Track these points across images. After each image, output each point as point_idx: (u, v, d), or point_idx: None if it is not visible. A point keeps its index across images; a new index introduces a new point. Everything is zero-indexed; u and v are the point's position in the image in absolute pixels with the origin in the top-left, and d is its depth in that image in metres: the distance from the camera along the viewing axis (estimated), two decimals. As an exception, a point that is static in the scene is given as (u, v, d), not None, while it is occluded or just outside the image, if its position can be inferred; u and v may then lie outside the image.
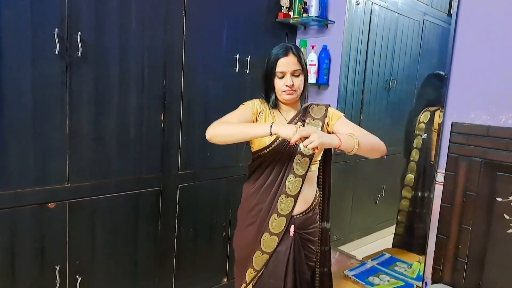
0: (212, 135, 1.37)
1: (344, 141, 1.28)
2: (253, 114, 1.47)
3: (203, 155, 2.10)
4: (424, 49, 2.19)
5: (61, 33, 1.52)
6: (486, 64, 1.63)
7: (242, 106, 1.50)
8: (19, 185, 1.51)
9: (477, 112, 1.65)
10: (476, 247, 1.63)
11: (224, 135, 1.36)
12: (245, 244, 1.53)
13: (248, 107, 1.48)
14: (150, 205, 1.92)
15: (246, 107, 1.49)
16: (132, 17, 1.72)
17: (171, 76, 1.89)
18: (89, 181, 1.69)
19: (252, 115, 1.47)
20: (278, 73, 1.42)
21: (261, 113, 1.49)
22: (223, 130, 1.36)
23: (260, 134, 1.32)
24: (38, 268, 1.59)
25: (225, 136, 1.36)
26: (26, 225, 1.54)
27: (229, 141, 1.37)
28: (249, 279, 1.52)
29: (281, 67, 1.41)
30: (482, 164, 1.60)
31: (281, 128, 1.27)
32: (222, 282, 2.31)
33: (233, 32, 2.11)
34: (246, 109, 1.48)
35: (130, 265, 1.89)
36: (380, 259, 2.11)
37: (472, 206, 1.64)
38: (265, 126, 1.29)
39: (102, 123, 1.69)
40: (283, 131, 1.26)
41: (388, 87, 2.31)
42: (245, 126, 1.36)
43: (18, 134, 1.48)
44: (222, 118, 1.43)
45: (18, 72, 1.45)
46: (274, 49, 1.45)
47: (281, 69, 1.41)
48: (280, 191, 1.46)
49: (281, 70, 1.41)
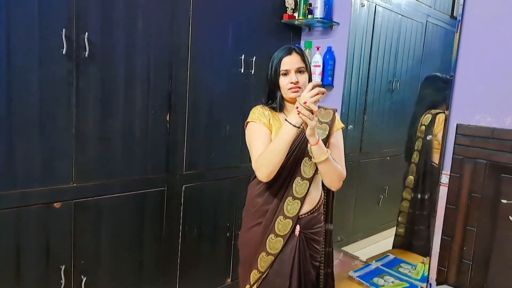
0: (263, 173, 1.36)
1: (321, 144, 1.33)
2: (266, 126, 1.45)
3: (208, 155, 2.10)
4: (427, 51, 2.20)
5: (69, 33, 1.52)
6: (491, 66, 1.63)
7: (252, 125, 1.47)
8: (26, 184, 1.51)
9: (481, 114, 1.66)
10: (481, 249, 1.64)
11: (271, 163, 1.34)
12: (250, 244, 1.53)
13: (259, 123, 1.45)
14: (155, 205, 1.92)
15: (258, 124, 1.45)
16: (138, 18, 1.73)
17: (177, 76, 1.90)
18: (95, 181, 1.69)
19: (267, 127, 1.45)
20: (283, 71, 1.43)
21: (270, 120, 1.47)
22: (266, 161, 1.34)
23: (292, 136, 1.32)
24: (44, 267, 1.59)
25: (273, 163, 1.34)
26: (32, 224, 1.54)
27: (278, 163, 1.35)
28: (253, 280, 1.52)
29: (285, 66, 1.42)
30: (487, 166, 1.61)
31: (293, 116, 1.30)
32: (226, 282, 2.31)
33: (238, 33, 2.12)
34: (259, 126, 1.45)
35: (135, 265, 1.89)
36: (385, 260, 2.11)
37: (477, 207, 1.64)
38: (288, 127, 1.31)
39: (108, 123, 1.70)
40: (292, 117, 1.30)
41: (391, 88, 2.31)
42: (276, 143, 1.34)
43: (25, 134, 1.48)
44: (255, 154, 1.40)
45: (26, 72, 1.46)
46: (277, 51, 1.46)
47: (285, 67, 1.42)
48: (287, 193, 1.46)
49: (285, 68, 1.42)
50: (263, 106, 1.51)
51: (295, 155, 1.44)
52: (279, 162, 1.34)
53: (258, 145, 1.41)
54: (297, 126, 1.30)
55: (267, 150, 1.35)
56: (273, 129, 1.46)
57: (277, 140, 1.34)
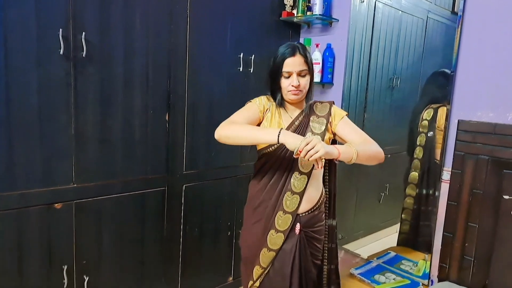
0: (221, 136, 1.37)
1: (343, 152, 1.30)
2: (260, 111, 1.48)
3: (208, 155, 2.10)
4: (428, 47, 2.19)
5: (66, 33, 1.52)
6: (493, 61, 1.62)
7: (249, 104, 1.51)
8: (26, 186, 1.51)
9: (483, 110, 1.65)
10: (483, 245, 1.63)
11: (232, 137, 1.36)
12: (252, 241, 1.54)
13: (255, 104, 1.49)
14: (156, 204, 1.92)
15: (253, 105, 1.49)
16: (136, 18, 1.72)
17: (175, 76, 1.89)
18: (95, 181, 1.69)
19: (259, 112, 1.48)
20: (285, 73, 1.42)
21: (267, 111, 1.49)
22: (232, 132, 1.36)
23: (268, 140, 1.33)
24: (46, 268, 1.60)
25: (233, 138, 1.36)
26: (33, 225, 1.55)
27: (237, 143, 1.38)
28: (256, 276, 1.53)
29: (287, 67, 1.41)
30: (489, 162, 1.60)
31: (288, 138, 1.27)
32: (228, 281, 2.31)
33: (236, 32, 2.11)
34: (253, 106, 1.49)
35: (137, 265, 1.89)
36: (386, 257, 2.11)
37: (479, 204, 1.63)
38: (273, 133, 1.29)
39: (107, 124, 1.70)
40: (290, 142, 1.26)
41: (392, 85, 2.30)
42: (254, 130, 1.37)
43: (24, 135, 1.48)
44: (230, 118, 1.43)
45: (24, 73, 1.45)
46: (281, 48, 1.44)
47: (288, 69, 1.41)
48: (286, 188, 1.46)
49: (288, 70, 1.41)
50: (269, 98, 1.53)
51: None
52: (238, 143, 1.38)
53: (239, 115, 1.45)
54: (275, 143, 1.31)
55: (241, 127, 1.37)
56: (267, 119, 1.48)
57: (255, 130, 1.37)
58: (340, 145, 1.34)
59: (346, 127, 1.49)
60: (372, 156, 1.40)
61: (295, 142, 1.24)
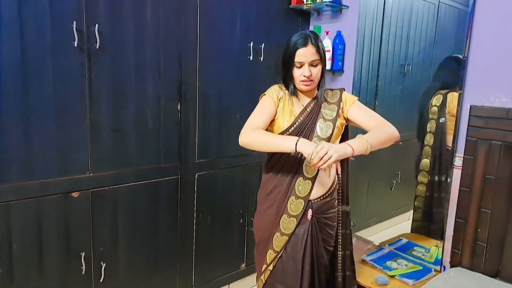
0: (245, 144, 1.42)
1: (356, 147, 1.32)
2: (274, 103, 1.50)
3: (219, 143, 2.12)
4: (439, 32, 2.15)
5: (79, 25, 1.54)
6: (506, 45, 1.59)
7: (263, 98, 1.53)
8: (44, 175, 1.55)
9: (496, 94, 1.63)
10: (496, 231, 1.63)
11: (255, 146, 1.42)
12: (265, 226, 1.57)
13: (269, 97, 1.51)
14: (169, 193, 1.96)
15: (268, 97, 1.51)
16: (147, 8, 1.74)
17: (186, 65, 1.91)
18: (110, 170, 1.73)
19: (274, 104, 1.50)
20: (297, 63, 1.43)
21: (280, 100, 1.51)
22: (255, 143, 1.41)
23: (287, 149, 1.36)
24: (65, 255, 1.65)
25: (256, 147, 1.42)
26: (51, 214, 1.59)
27: (259, 150, 1.43)
28: (269, 260, 1.56)
29: (299, 58, 1.42)
30: (502, 147, 1.58)
31: (306, 147, 1.30)
32: (240, 268, 2.35)
33: (246, 20, 2.11)
34: (268, 100, 1.51)
35: (152, 251, 1.94)
36: (398, 244, 2.12)
37: (492, 189, 1.62)
38: (291, 142, 1.32)
39: (121, 114, 1.73)
40: (306, 150, 1.29)
41: (403, 71, 2.28)
42: (273, 139, 1.40)
43: (41, 126, 1.52)
44: (251, 121, 1.47)
45: (40, 65, 1.49)
46: (293, 37, 1.45)
47: (300, 60, 1.42)
48: (298, 174, 1.49)
49: (300, 61, 1.42)
50: (281, 86, 1.54)
51: (303, 135, 1.46)
52: (260, 150, 1.43)
53: (257, 116, 1.48)
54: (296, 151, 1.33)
55: (262, 136, 1.40)
56: (280, 108, 1.50)
57: (274, 139, 1.39)
58: (352, 140, 1.35)
59: (358, 111, 1.50)
60: (387, 139, 1.41)
61: (310, 150, 1.27)
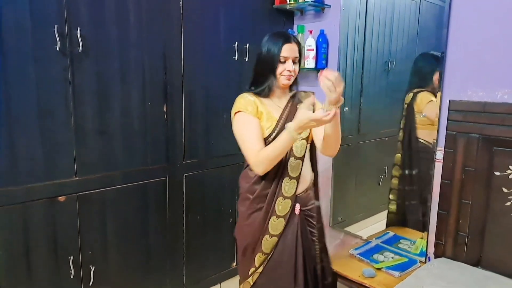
0: (265, 171, 1.44)
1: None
2: (254, 115, 1.48)
3: (207, 144, 2.14)
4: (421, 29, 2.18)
5: (61, 29, 1.55)
6: (481, 40, 1.64)
7: (242, 116, 1.48)
8: (29, 180, 1.55)
9: (473, 89, 1.67)
10: (476, 221, 1.67)
11: (273, 164, 1.43)
12: (252, 231, 1.56)
13: (248, 111, 1.48)
14: (158, 194, 1.97)
15: (249, 115, 1.47)
16: (130, 10, 1.74)
17: (171, 67, 1.92)
18: (96, 173, 1.74)
19: (255, 115, 1.48)
20: (282, 58, 1.46)
21: (258, 108, 1.49)
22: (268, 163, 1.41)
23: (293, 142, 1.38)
24: (53, 259, 1.65)
25: (274, 164, 1.43)
26: (38, 218, 1.59)
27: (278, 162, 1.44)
28: (258, 263, 1.57)
29: (285, 52, 1.46)
30: (480, 140, 1.63)
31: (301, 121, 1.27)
32: (231, 266, 2.37)
33: (230, 21, 2.13)
34: (248, 117, 1.47)
35: (141, 253, 1.95)
36: (384, 237, 2.15)
37: (471, 181, 1.67)
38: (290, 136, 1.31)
39: (106, 117, 1.73)
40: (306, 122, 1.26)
41: (387, 68, 2.31)
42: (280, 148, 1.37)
43: (25, 131, 1.52)
44: (250, 148, 1.44)
45: (22, 70, 1.49)
46: (273, 35, 1.49)
47: (285, 54, 1.46)
48: (284, 174, 1.51)
49: (285, 55, 1.46)
50: (248, 93, 1.53)
51: None
52: (278, 161, 1.44)
53: (252, 138, 1.44)
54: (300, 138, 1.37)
55: (270, 151, 1.39)
56: (263, 116, 1.49)
57: (281, 147, 1.37)
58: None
59: None
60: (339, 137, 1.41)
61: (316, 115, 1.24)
